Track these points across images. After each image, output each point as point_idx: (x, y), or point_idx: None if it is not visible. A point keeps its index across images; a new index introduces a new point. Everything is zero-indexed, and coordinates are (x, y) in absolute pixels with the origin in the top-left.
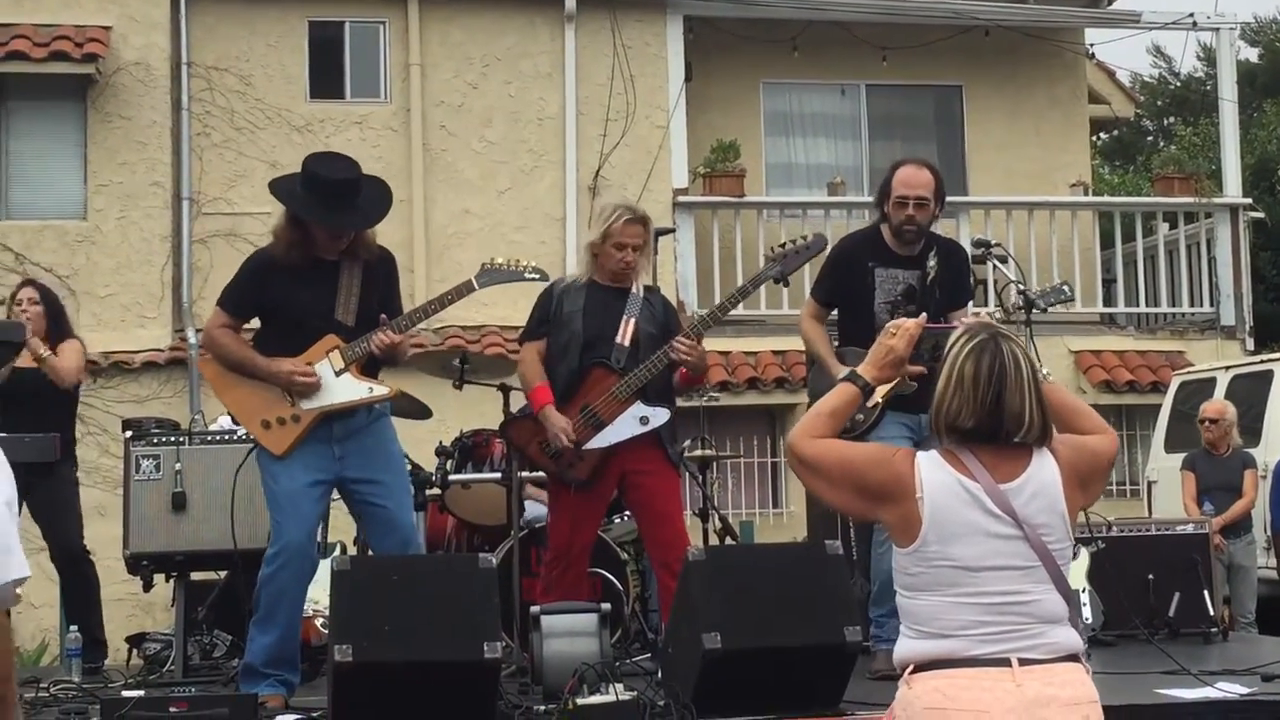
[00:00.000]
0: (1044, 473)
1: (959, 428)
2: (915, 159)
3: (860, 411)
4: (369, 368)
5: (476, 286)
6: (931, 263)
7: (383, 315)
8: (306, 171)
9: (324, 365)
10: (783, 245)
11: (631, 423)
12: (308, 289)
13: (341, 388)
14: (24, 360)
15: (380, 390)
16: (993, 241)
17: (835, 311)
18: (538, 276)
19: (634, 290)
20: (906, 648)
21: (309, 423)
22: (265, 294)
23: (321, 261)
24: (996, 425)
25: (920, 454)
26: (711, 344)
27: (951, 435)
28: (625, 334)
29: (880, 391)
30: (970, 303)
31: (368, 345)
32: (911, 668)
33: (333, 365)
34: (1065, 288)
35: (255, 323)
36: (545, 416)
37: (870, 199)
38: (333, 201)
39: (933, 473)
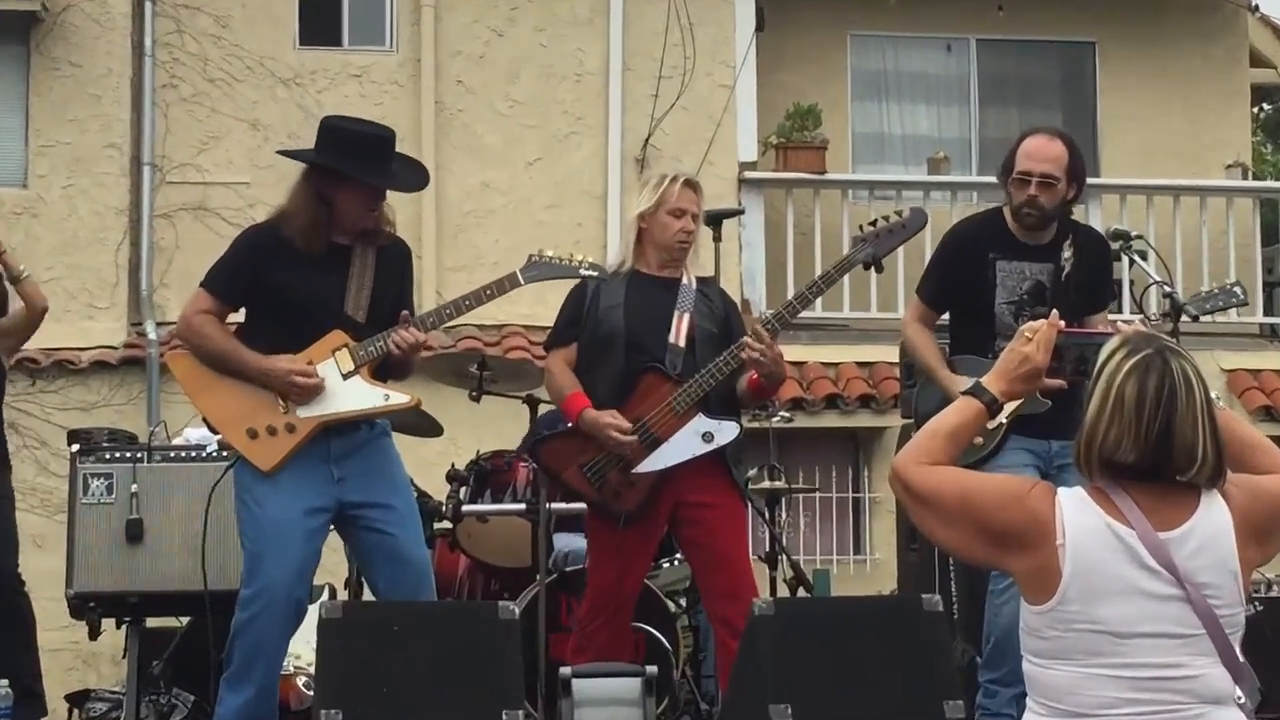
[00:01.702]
0: (1213, 521)
1: (1115, 462)
2: (1048, 128)
3: (979, 434)
4: (378, 373)
5: (522, 281)
6: (1066, 254)
7: (404, 311)
8: (331, 128)
9: (329, 366)
10: (873, 223)
11: (692, 440)
12: (315, 275)
13: (350, 393)
14: None
15: (399, 398)
16: (1132, 233)
17: (946, 314)
18: (595, 274)
19: (685, 281)
20: None
21: (307, 433)
22: (264, 278)
23: (331, 246)
24: (1162, 461)
25: (1063, 491)
26: (783, 352)
27: (1104, 471)
28: (679, 332)
29: (1006, 410)
30: (1112, 306)
31: (384, 344)
32: None
33: (340, 366)
34: (1237, 289)
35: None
36: (586, 419)
37: (979, 178)
38: (375, 161)
39: (1078, 515)
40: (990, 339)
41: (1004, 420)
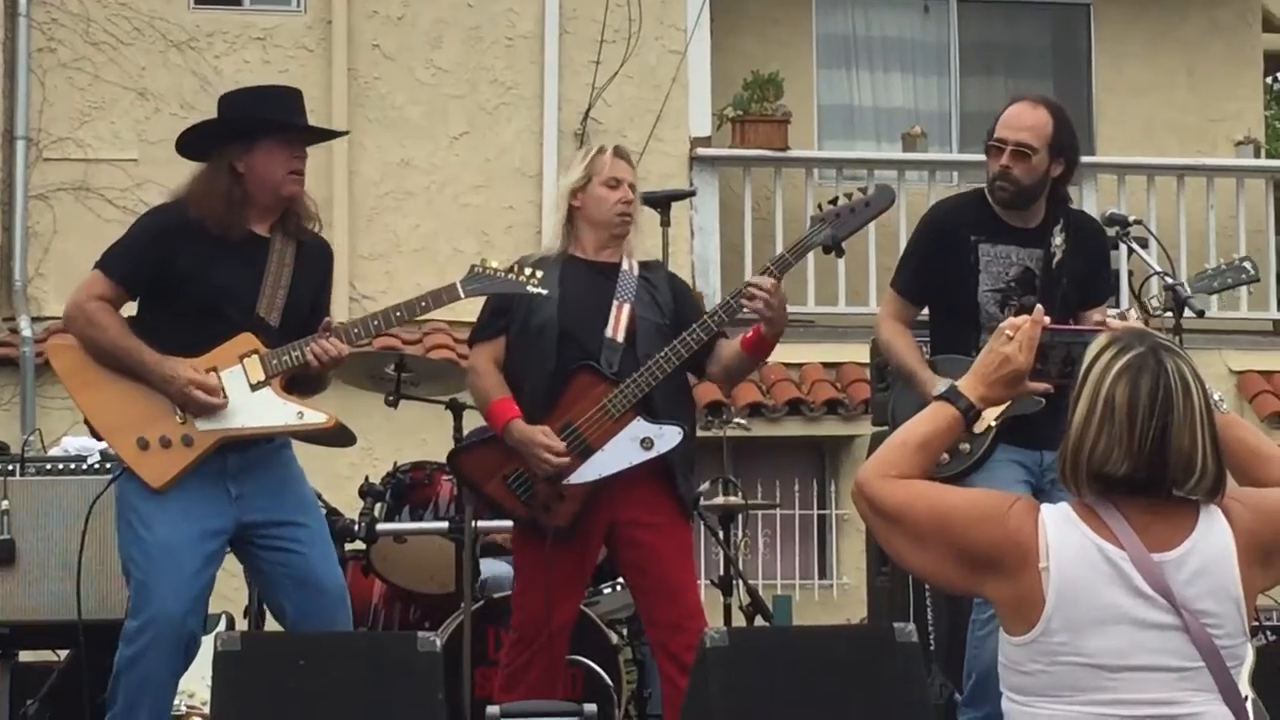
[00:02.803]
0: (1213, 541)
1: (1105, 475)
2: (1035, 96)
3: (965, 440)
4: (288, 384)
5: (462, 295)
6: (1058, 240)
7: (327, 319)
8: (228, 97)
9: (236, 373)
10: (833, 201)
11: (629, 447)
12: (227, 267)
13: (258, 407)
14: None
15: (314, 417)
16: (1131, 218)
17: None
18: (544, 292)
19: (625, 266)
20: None
21: (205, 449)
22: (170, 264)
23: (247, 235)
24: (1157, 473)
25: (1046, 508)
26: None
27: (1093, 484)
28: (617, 325)
29: (990, 415)
30: (1110, 299)
31: (300, 354)
32: None
33: (249, 376)
34: (1247, 264)
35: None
36: (514, 433)
37: (960, 156)
38: (291, 112)
39: (1063, 534)
40: (974, 333)
41: (993, 423)
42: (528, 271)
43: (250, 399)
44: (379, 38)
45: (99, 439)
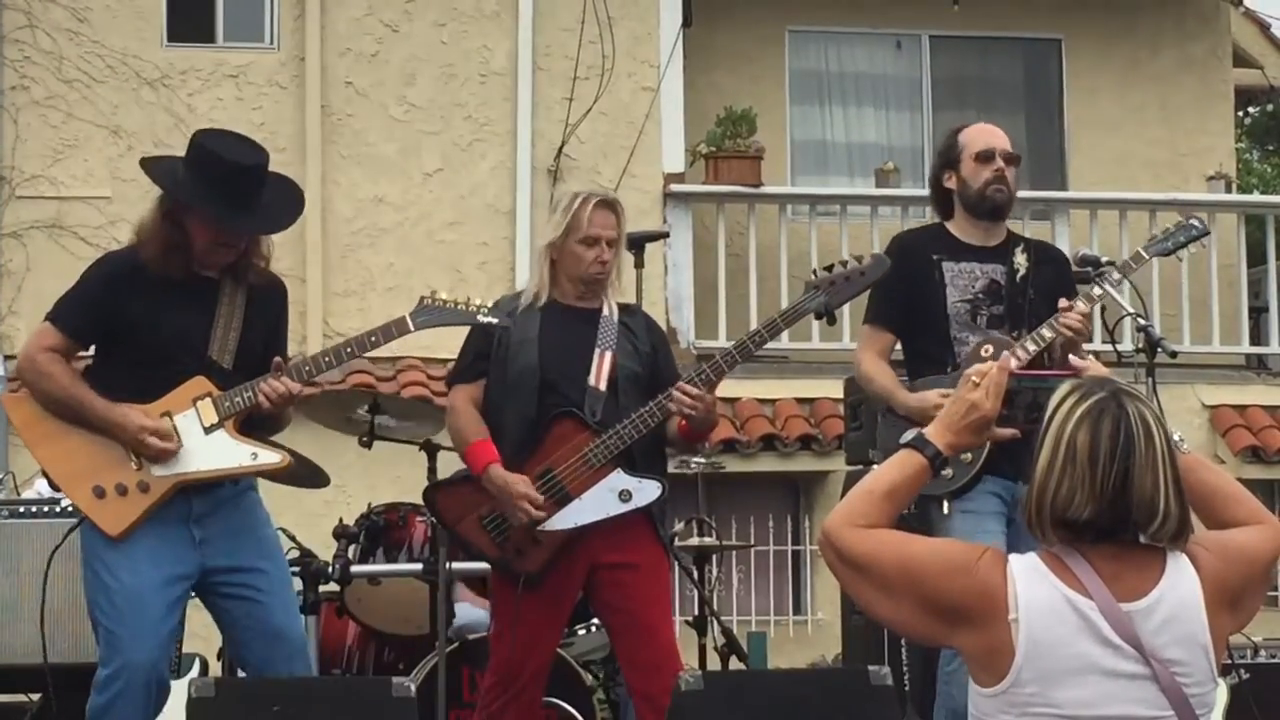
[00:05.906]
0: (1181, 588)
1: (1069, 520)
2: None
3: (951, 465)
4: (245, 426)
5: (412, 327)
6: (1019, 258)
7: (276, 358)
8: (199, 149)
9: (190, 417)
10: (829, 268)
11: (607, 498)
12: (177, 311)
13: (212, 450)
14: None
15: (268, 457)
16: (1103, 258)
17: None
18: (495, 321)
19: (606, 312)
20: None
21: (162, 495)
22: (119, 312)
23: (196, 279)
24: (1120, 517)
25: (1014, 559)
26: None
27: (1058, 531)
28: (599, 374)
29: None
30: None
31: (252, 395)
32: None
33: (202, 419)
34: (1195, 222)
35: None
36: (492, 478)
37: None
38: (232, 195)
39: (1032, 587)
40: (947, 350)
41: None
42: (477, 302)
43: (204, 442)
44: (352, 75)
45: (56, 490)
